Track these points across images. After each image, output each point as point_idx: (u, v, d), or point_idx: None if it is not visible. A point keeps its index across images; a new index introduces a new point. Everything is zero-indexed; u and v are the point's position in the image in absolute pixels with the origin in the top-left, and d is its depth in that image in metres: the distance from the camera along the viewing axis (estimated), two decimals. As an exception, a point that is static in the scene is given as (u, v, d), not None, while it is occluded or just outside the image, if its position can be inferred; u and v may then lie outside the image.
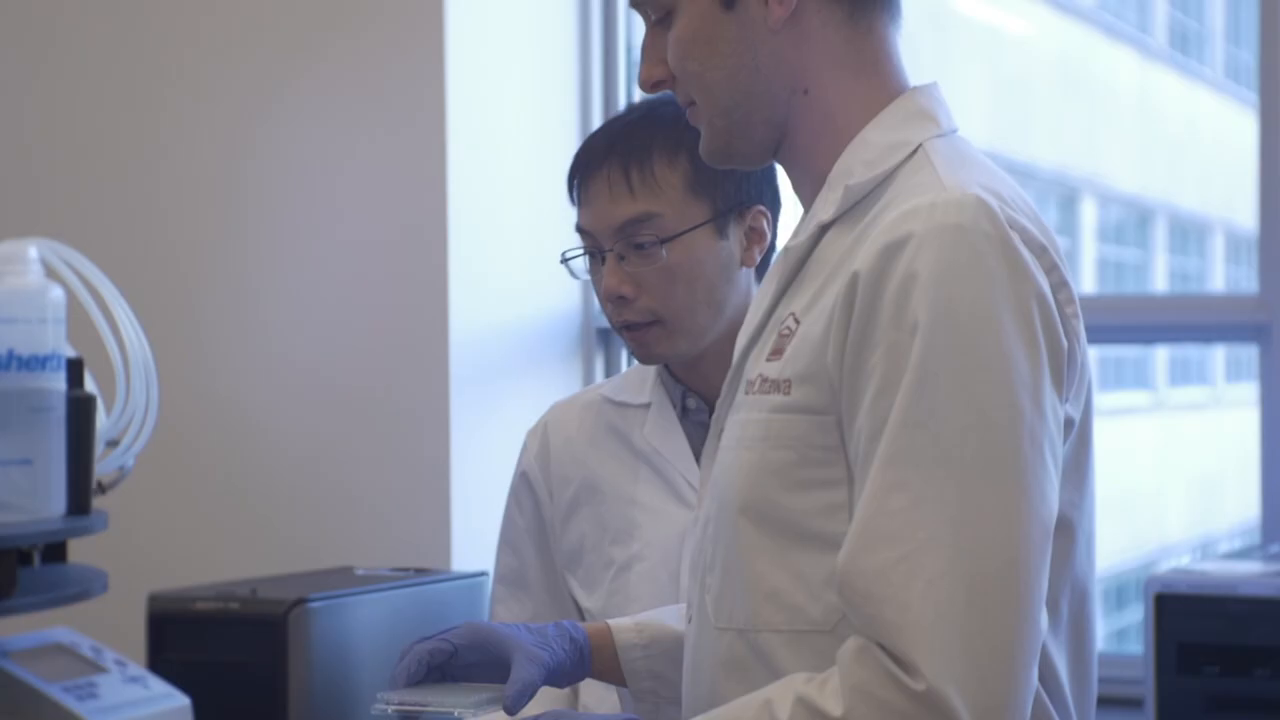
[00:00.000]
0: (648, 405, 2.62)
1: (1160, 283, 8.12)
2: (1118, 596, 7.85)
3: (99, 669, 2.17)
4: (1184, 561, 3.19)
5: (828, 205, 1.87)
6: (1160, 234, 8.08)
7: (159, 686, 2.20)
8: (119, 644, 2.34)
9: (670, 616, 2.20)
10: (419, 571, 2.98)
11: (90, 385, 2.06)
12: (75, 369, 1.97)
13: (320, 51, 3.43)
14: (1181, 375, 8.26)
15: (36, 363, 1.86)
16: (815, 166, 1.91)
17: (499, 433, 3.09)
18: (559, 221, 2.57)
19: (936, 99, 1.92)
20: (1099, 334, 4.03)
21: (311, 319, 3.41)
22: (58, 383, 1.88)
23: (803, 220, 1.93)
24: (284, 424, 3.40)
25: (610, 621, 2.17)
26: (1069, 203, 7.83)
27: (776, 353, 1.85)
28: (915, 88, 1.92)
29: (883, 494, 1.73)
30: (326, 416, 3.38)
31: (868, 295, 1.76)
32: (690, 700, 1.92)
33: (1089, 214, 7.86)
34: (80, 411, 1.95)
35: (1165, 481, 8.20)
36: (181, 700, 2.20)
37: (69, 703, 2.07)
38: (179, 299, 3.43)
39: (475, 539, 3.15)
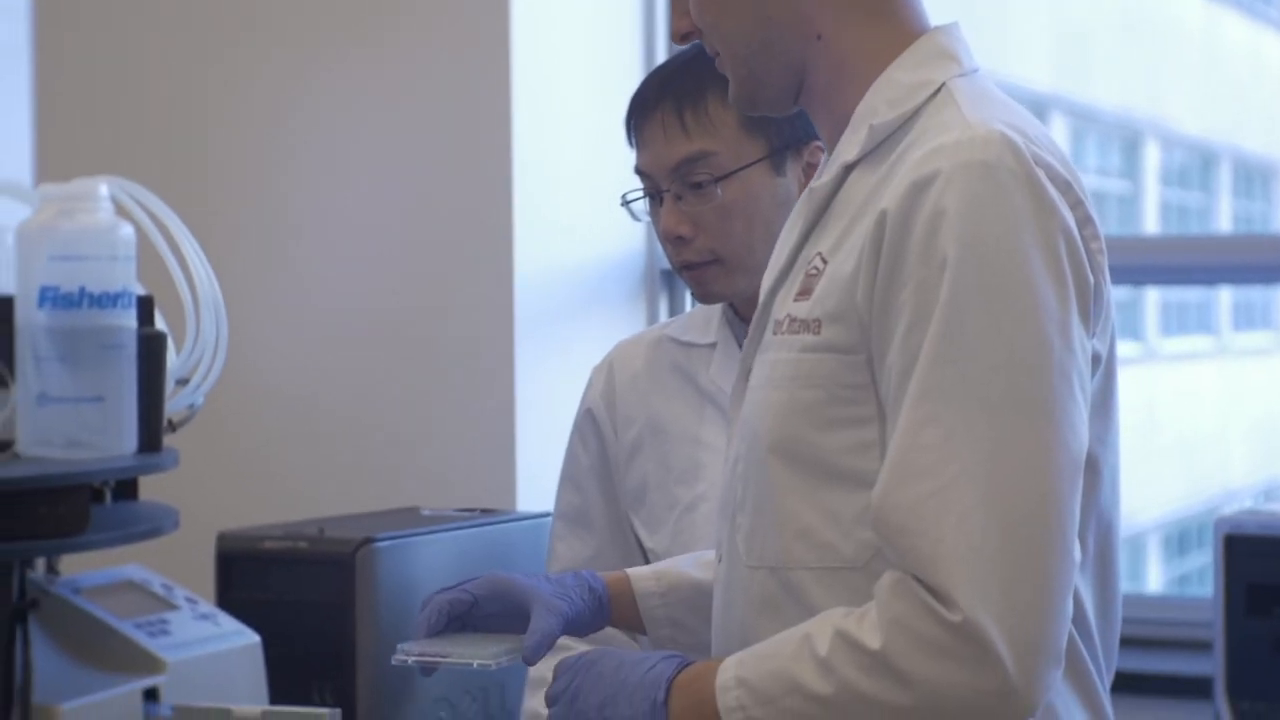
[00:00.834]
0: (713, 345, 2.62)
1: (1225, 227, 8.07)
2: (1180, 542, 7.83)
3: (170, 606, 2.19)
4: (1248, 505, 3.18)
5: (852, 145, 1.88)
6: (1225, 177, 8.01)
7: (229, 624, 2.22)
8: (187, 583, 2.36)
9: (689, 564, 2.21)
10: (484, 512, 2.99)
11: (160, 324, 2.07)
12: (145, 306, 1.98)
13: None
14: (1245, 320, 8.21)
15: (108, 300, 1.87)
16: (836, 109, 1.92)
17: (564, 374, 3.08)
18: (624, 161, 2.56)
19: (957, 39, 1.92)
20: (1161, 275, 4.02)
21: (378, 260, 3.41)
22: (128, 320, 1.89)
23: (827, 161, 1.94)
24: (351, 365, 3.41)
25: (629, 570, 2.18)
26: (1131, 146, 7.78)
27: (804, 293, 1.85)
28: (936, 28, 1.93)
29: (915, 429, 1.73)
30: (393, 358, 3.39)
31: (896, 233, 1.76)
32: (721, 639, 1.92)
33: (1152, 157, 7.80)
34: (151, 349, 1.96)
35: (1228, 426, 8.17)
36: (251, 638, 2.22)
37: (141, 639, 2.09)
38: (246, 238, 3.43)
39: (540, 480, 3.15)
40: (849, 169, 1.87)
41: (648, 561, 2.53)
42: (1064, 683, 1.82)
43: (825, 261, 1.84)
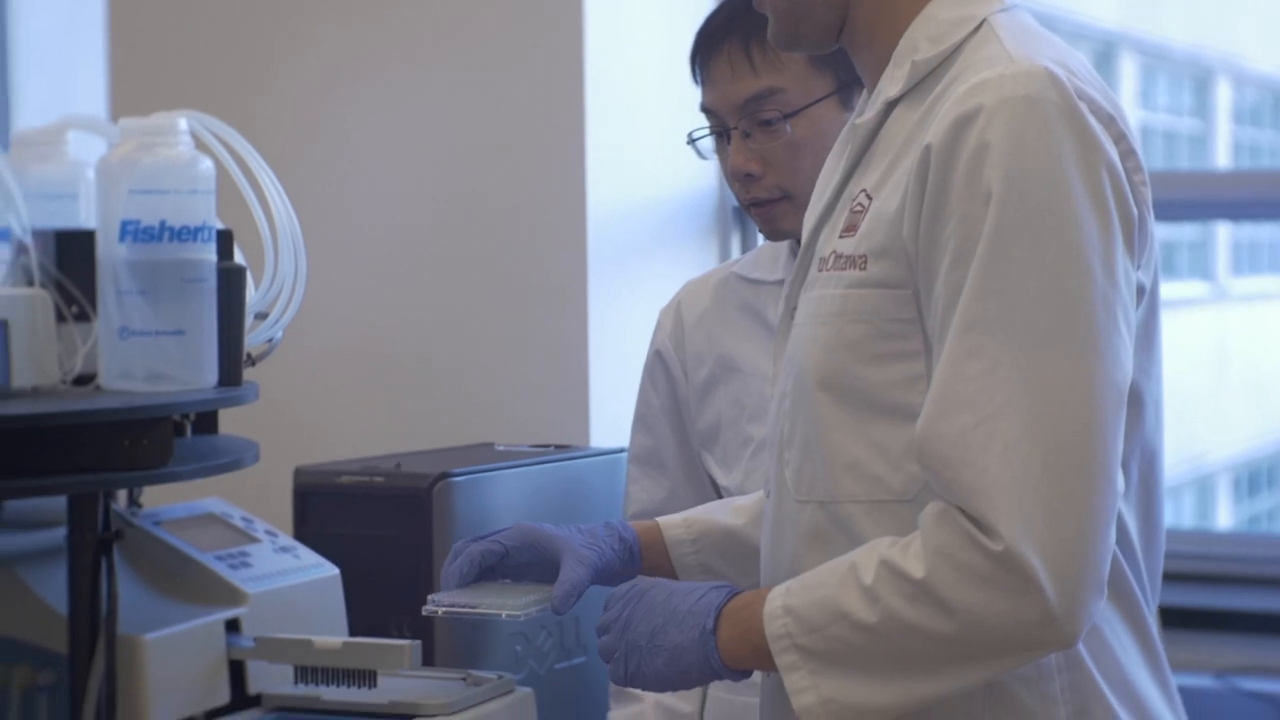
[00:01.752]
0: (781, 282, 2.61)
1: (1296, 165, 8.00)
2: (1250, 483, 7.80)
3: (250, 539, 2.21)
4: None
5: (894, 82, 1.89)
6: (1298, 115, 7.95)
7: (309, 557, 2.23)
8: (263, 517, 2.37)
9: (719, 511, 2.21)
10: (558, 448, 2.99)
11: (239, 258, 2.08)
12: (225, 240, 1.99)
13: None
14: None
15: (188, 234, 1.87)
16: (877, 47, 1.92)
17: (636, 310, 3.08)
18: (697, 97, 2.56)
19: None
20: (1231, 210, 3.99)
21: (453, 197, 3.41)
22: (208, 254, 1.90)
23: (869, 98, 1.95)
24: (426, 302, 3.42)
25: (659, 519, 2.18)
26: (1203, 84, 7.72)
27: (850, 229, 1.87)
28: None
29: (959, 360, 1.75)
30: (468, 295, 3.39)
31: (940, 168, 1.77)
32: (770, 573, 1.94)
33: (1224, 95, 7.75)
34: (230, 282, 1.96)
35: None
36: (331, 570, 2.24)
37: (223, 571, 2.11)
38: (320, 173, 3.44)
39: (613, 416, 3.15)
40: (891, 106, 1.89)
41: (720, 498, 2.54)
42: (1110, 607, 1.84)
43: (870, 198, 1.85)
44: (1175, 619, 3.22)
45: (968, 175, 1.76)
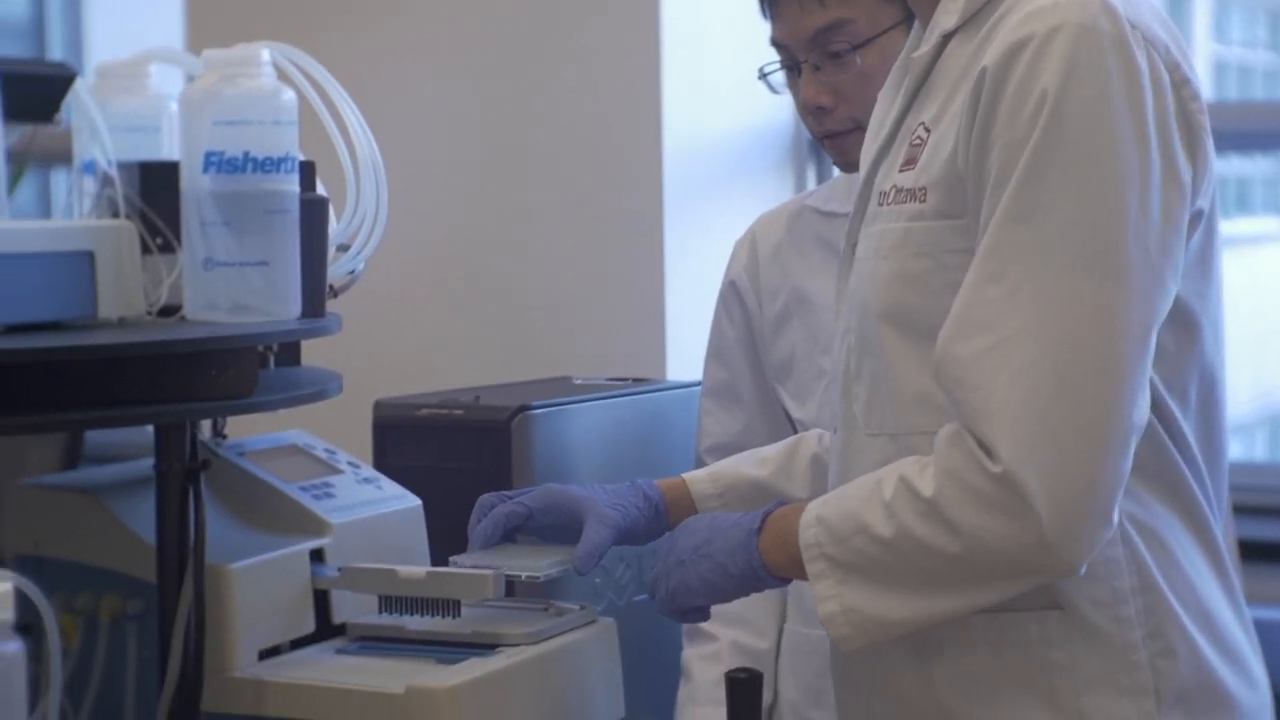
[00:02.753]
0: (856, 214, 2.61)
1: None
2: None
3: (333, 470, 2.21)
4: None
5: (950, 14, 1.89)
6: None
7: (391, 488, 2.24)
8: (343, 450, 2.38)
9: (744, 463, 2.22)
10: (636, 381, 2.99)
11: (320, 190, 2.08)
12: (307, 172, 1.99)
13: None
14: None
15: (271, 165, 1.88)
16: None
17: (713, 243, 3.07)
18: (769, 30, 2.54)
19: None
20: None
21: (530, 132, 3.41)
22: (291, 185, 1.90)
23: (924, 32, 1.95)
24: (503, 235, 3.42)
25: (685, 475, 2.20)
26: (1277, 18, 7.64)
27: (909, 163, 1.87)
28: None
29: (980, 284, 1.76)
30: (545, 228, 3.39)
31: (990, 95, 1.78)
32: None
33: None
34: (313, 213, 1.97)
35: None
36: (413, 501, 2.24)
37: (307, 502, 2.12)
38: (402, 106, 3.44)
39: (690, 349, 3.15)
40: (947, 38, 1.89)
41: (796, 433, 2.53)
42: (1182, 531, 1.86)
43: (928, 130, 1.86)
44: (1250, 552, 3.21)
45: (1015, 101, 1.76)
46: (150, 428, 2.18)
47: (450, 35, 3.45)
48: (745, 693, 1.91)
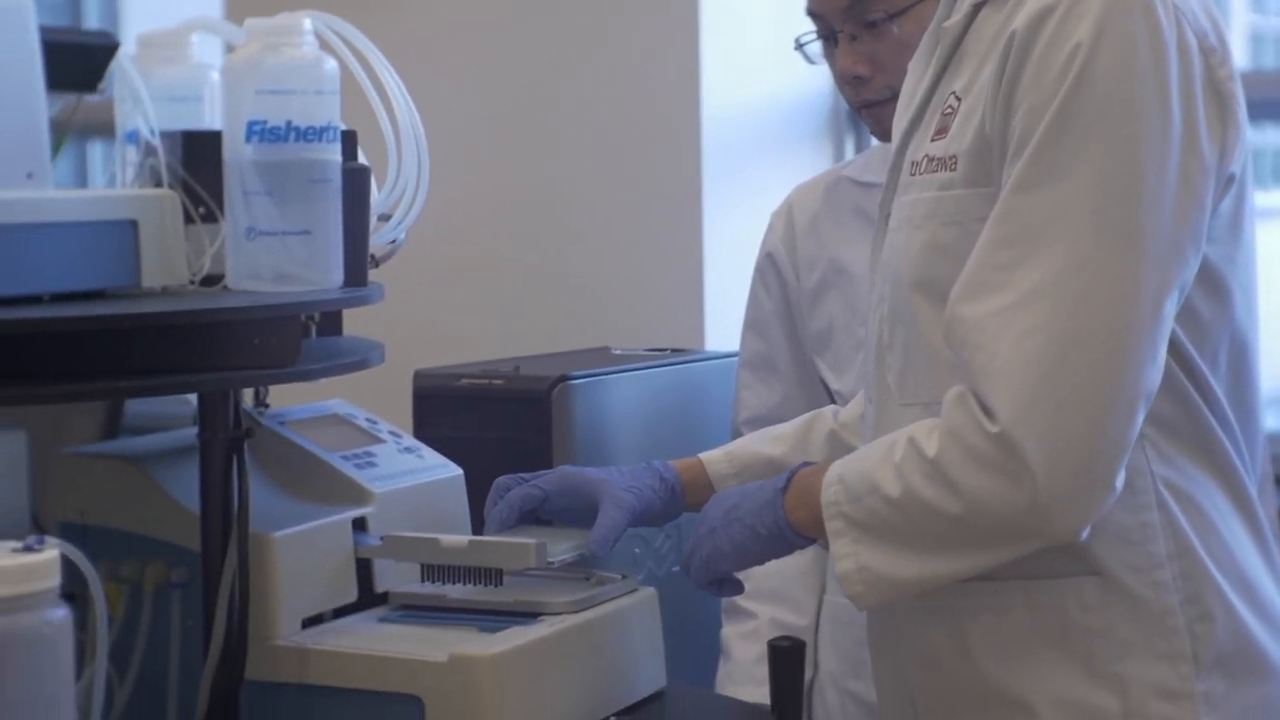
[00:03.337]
0: (894, 185, 2.60)
1: None
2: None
3: (375, 439, 2.22)
4: None
5: None
6: None
7: (433, 457, 2.24)
8: (383, 420, 2.38)
9: (759, 442, 2.22)
10: (674, 351, 2.99)
11: (362, 160, 2.08)
12: (349, 141, 1.99)
13: None
14: None
15: (313, 134, 1.87)
16: None
17: (751, 213, 3.07)
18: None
19: None
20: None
21: (569, 102, 3.41)
22: (334, 154, 1.90)
23: (955, 1, 1.94)
24: (543, 207, 3.42)
25: (701, 455, 2.20)
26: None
27: (941, 132, 1.87)
28: None
29: (993, 247, 1.76)
30: (583, 200, 3.39)
31: (1017, 58, 1.78)
32: None
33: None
34: (355, 183, 1.97)
35: None
36: (455, 470, 2.24)
37: (349, 471, 2.12)
38: (443, 76, 3.44)
39: (728, 320, 3.15)
40: (978, 7, 1.89)
41: (833, 403, 2.53)
42: (1219, 494, 1.86)
43: (959, 99, 1.86)
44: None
45: (1041, 64, 1.76)
46: (190, 399, 2.19)
47: (491, 6, 3.45)
48: (788, 661, 1.91)
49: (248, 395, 2.11)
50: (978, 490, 1.74)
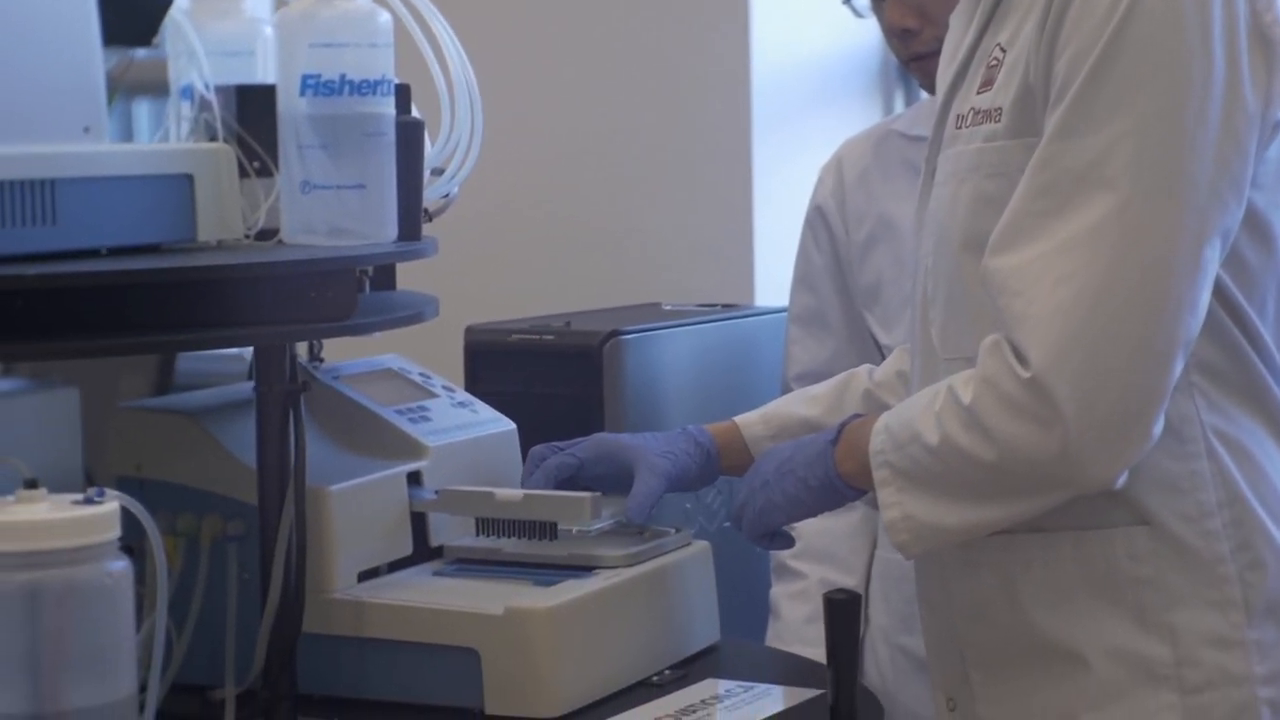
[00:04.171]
0: (943, 138, 2.59)
1: None
2: None
3: (429, 394, 2.22)
4: None
5: None
6: None
7: (486, 412, 2.24)
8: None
9: (794, 403, 2.22)
10: (725, 307, 2.99)
11: (415, 114, 2.07)
12: (403, 95, 1.98)
13: None
14: None
15: (368, 87, 1.87)
16: None
17: (801, 169, 3.06)
18: (857, -47, 2.53)
19: None
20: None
21: (619, 57, 3.40)
22: (388, 107, 1.89)
23: None
24: (593, 162, 3.41)
25: (737, 419, 2.20)
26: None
27: (986, 84, 1.86)
28: None
29: (1032, 195, 1.75)
30: (632, 153, 3.38)
31: (1060, 6, 1.77)
32: None
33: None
34: (409, 136, 1.96)
35: None
36: (508, 424, 2.25)
37: (404, 425, 2.12)
38: (498, 31, 3.43)
39: (778, 275, 3.14)
40: None
41: (884, 358, 2.53)
42: (1270, 442, 1.85)
43: (1004, 51, 1.85)
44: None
45: (1082, 11, 1.75)
46: (242, 356, 2.19)
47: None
48: (844, 614, 1.91)
49: (301, 350, 2.12)
50: (1011, 437, 1.74)
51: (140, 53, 2.03)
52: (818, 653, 2.04)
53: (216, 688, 1.92)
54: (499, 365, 2.63)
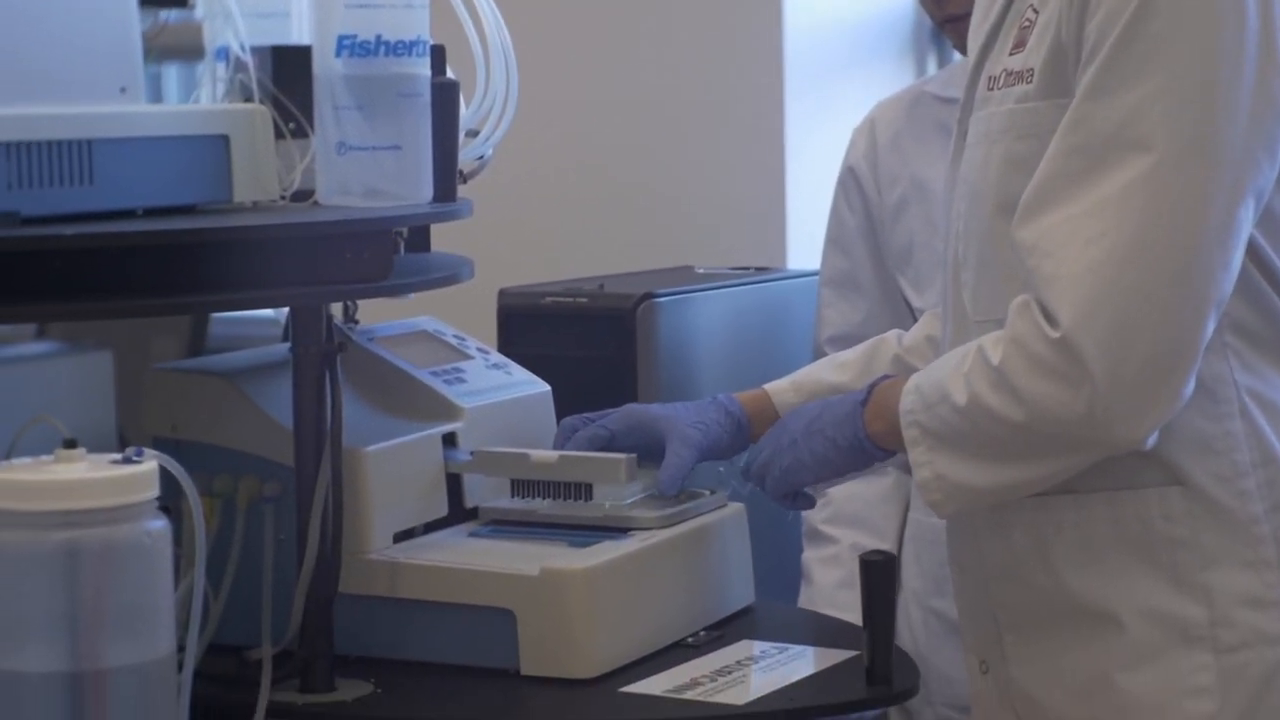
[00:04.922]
0: (977, 100, 2.58)
1: None
2: None
3: (463, 355, 2.22)
4: None
5: None
6: None
7: (521, 374, 2.25)
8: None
9: (824, 370, 2.21)
10: (758, 270, 2.99)
11: (450, 75, 2.07)
12: (438, 56, 1.98)
13: None
14: None
15: (403, 48, 1.87)
16: None
17: (833, 131, 3.05)
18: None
19: None
20: None
21: (652, 20, 3.39)
22: (423, 68, 1.89)
23: None
24: (626, 125, 3.41)
25: (766, 386, 2.20)
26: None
27: (1019, 45, 1.86)
28: None
29: (1063, 155, 1.75)
30: (665, 116, 3.38)
31: None
32: None
33: None
34: (445, 98, 1.96)
35: None
36: (542, 386, 2.25)
37: (439, 386, 2.13)
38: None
39: (810, 238, 3.13)
40: None
41: (916, 321, 2.52)
42: None
43: (1037, 12, 1.84)
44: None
45: None
46: (275, 319, 2.19)
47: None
48: (879, 575, 1.90)
49: (336, 311, 2.12)
50: (1040, 398, 1.74)
51: (172, 15, 2.03)
52: (851, 618, 2.04)
53: (253, 648, 1.92)
54: (532, 328, 2.63)
